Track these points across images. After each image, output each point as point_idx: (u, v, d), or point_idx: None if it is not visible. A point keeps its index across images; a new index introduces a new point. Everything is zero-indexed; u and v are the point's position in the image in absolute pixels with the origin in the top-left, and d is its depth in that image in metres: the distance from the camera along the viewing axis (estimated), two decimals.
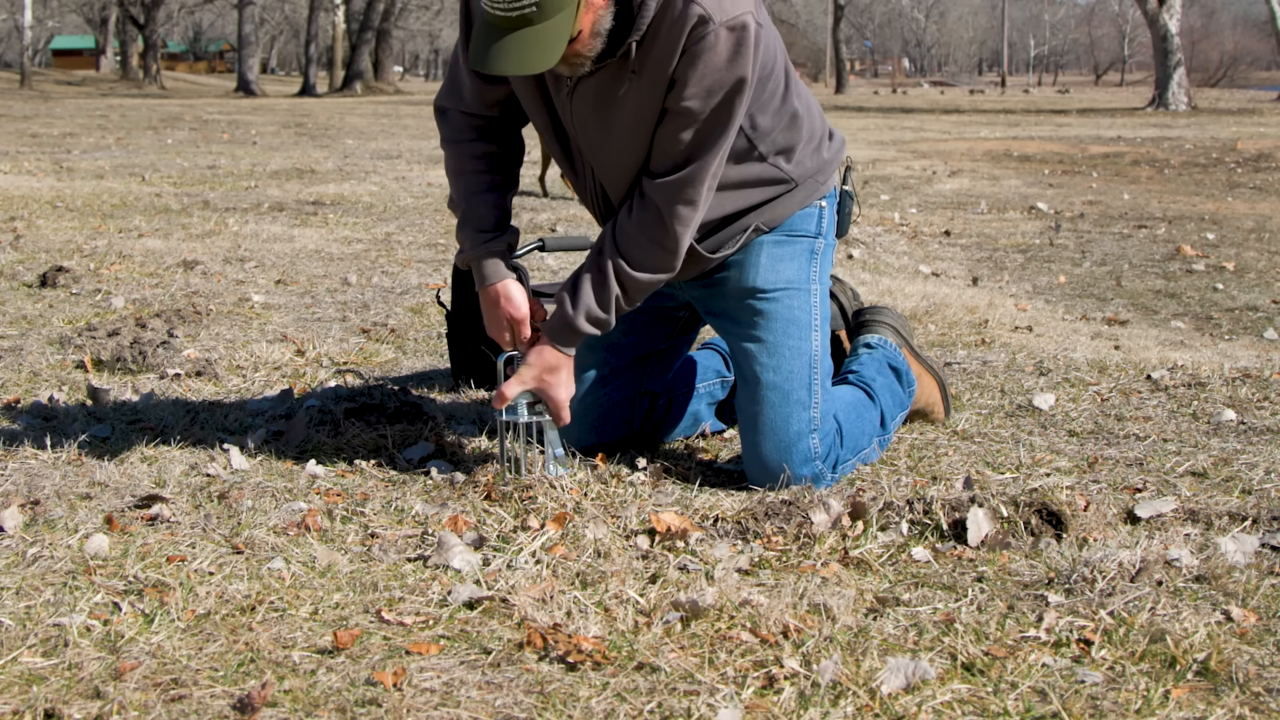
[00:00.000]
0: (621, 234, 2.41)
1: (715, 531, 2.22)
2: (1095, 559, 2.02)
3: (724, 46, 2.23)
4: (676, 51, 2.23)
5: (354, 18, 41.62)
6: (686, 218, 2.37)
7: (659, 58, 2.25)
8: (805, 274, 2.56)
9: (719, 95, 2.27)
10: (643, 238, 2.38)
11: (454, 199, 2.55)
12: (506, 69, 2.15)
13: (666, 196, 2.35)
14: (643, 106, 2.31)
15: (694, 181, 2.34)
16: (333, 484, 2.48)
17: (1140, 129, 19.56)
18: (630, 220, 2.39)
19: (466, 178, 2.53)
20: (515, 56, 2.14)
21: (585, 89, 2.35)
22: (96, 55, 61.15)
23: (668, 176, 2.35)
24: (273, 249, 5.96)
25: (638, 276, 2.40)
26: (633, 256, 2.40)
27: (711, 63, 2.23)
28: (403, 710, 1.58)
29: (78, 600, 1.89)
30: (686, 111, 2.28)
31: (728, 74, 2.25)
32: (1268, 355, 4.03)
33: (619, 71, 2.30)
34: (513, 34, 2.13)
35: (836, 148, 2.63)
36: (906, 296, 4.77)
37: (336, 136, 16.04)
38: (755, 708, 1.60)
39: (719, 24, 2.21)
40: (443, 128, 2.58)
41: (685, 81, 2.25)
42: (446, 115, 2.57)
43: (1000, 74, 64.70)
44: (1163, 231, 7.51)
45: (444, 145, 2.58)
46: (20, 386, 3.25)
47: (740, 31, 2.23)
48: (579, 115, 2.39)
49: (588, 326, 2.43)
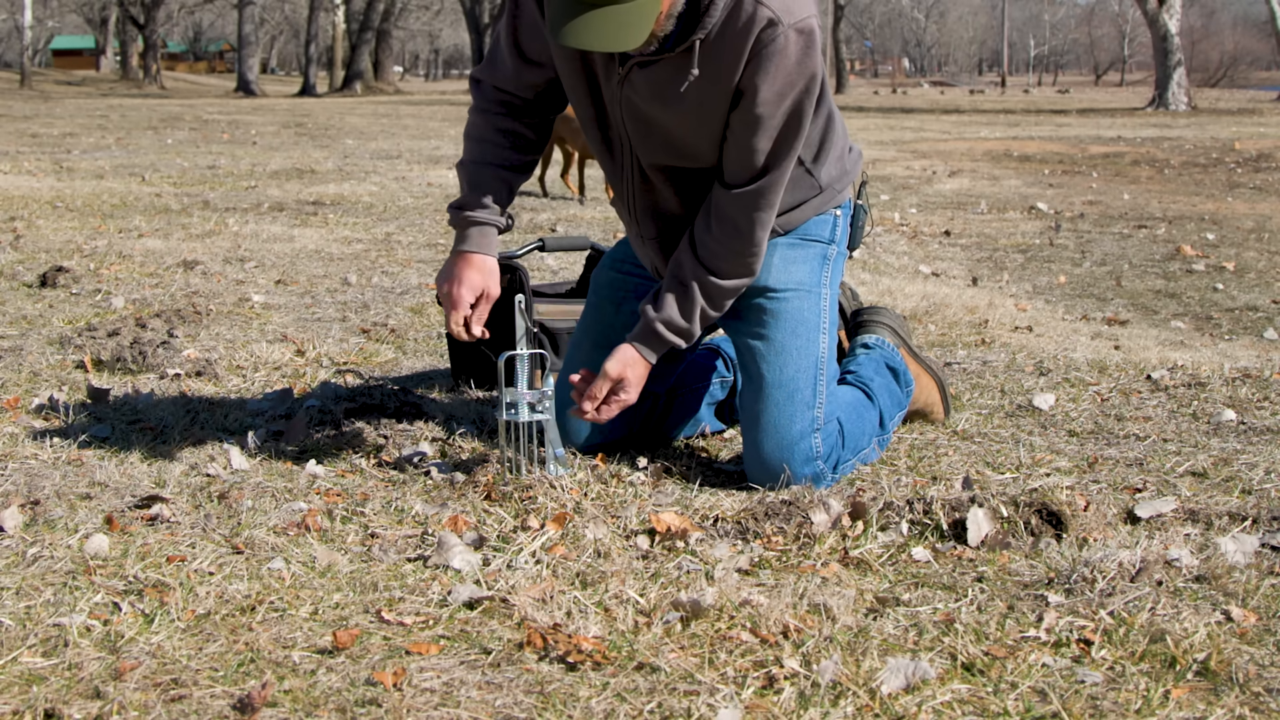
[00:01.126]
0: (704, 249, 2.41)
1: (715, 531, 2.22)
2: (1095, 559, 2.02)
3: (794, 49, 2.22)
4: (744, 53, 2.22)
5: (354, 18, 41.63)
6: (766, 222, 2.39)
7: (726, 59, 2.24)
8: (816, 277, 2.56)
9: (790, 99, 2.27)
10: (726, 251, 2.40)
11: (464, 161, 2.52)
12: (594, 44, 2.11)
13: (746, 207, 2.37)
14: (704, 105, 2.29)
15: (772, 188, 2.36)
16: (333, 484, 2.48)
17: (1140, 129, 19.56)
18: (711, 235, 2.40)
19: (484, 146, 2.51)
20: (602, 32, 2.10)
21: (639, 79, 2.32)
22: (96, 55, 61.15)
23: (746, 188, 2.36)
24: (273, 249, 5.96)
25: (724, 285, 2.43)
26: (719, 268, 2.41)
27: (782, 66, 2.23)
28: (403, 710, 1.58)
29: (78, 600, 1.89)
30: (759, 118, 2.28)
31: (798, 77, 2.25)
32: (1268, 355, 4.03)
33: (680, 68, 2.27)
34: (601, 9, 2.09)
35: (855, 159, 2.64)
36: (906, 296, 4.77)
37: (336, 136, 16.04)
38: (755, 708, 1.60)
39: (788, 26, 2.20)
40: (475, 97, 2.56)
41: (756, 87, 2.24)
42: (480, 86, 2.55)
43: (1000, 74, 64.70)
44: (1163, 231, 7.51)
45: (470, 113, 2.56)
46: (20, 386, 3.25)
47: (808, 34, 2.23)
48: (629, 106, 2.37)
49: (670, 335, 2.43)
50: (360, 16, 40.28)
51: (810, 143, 2.49)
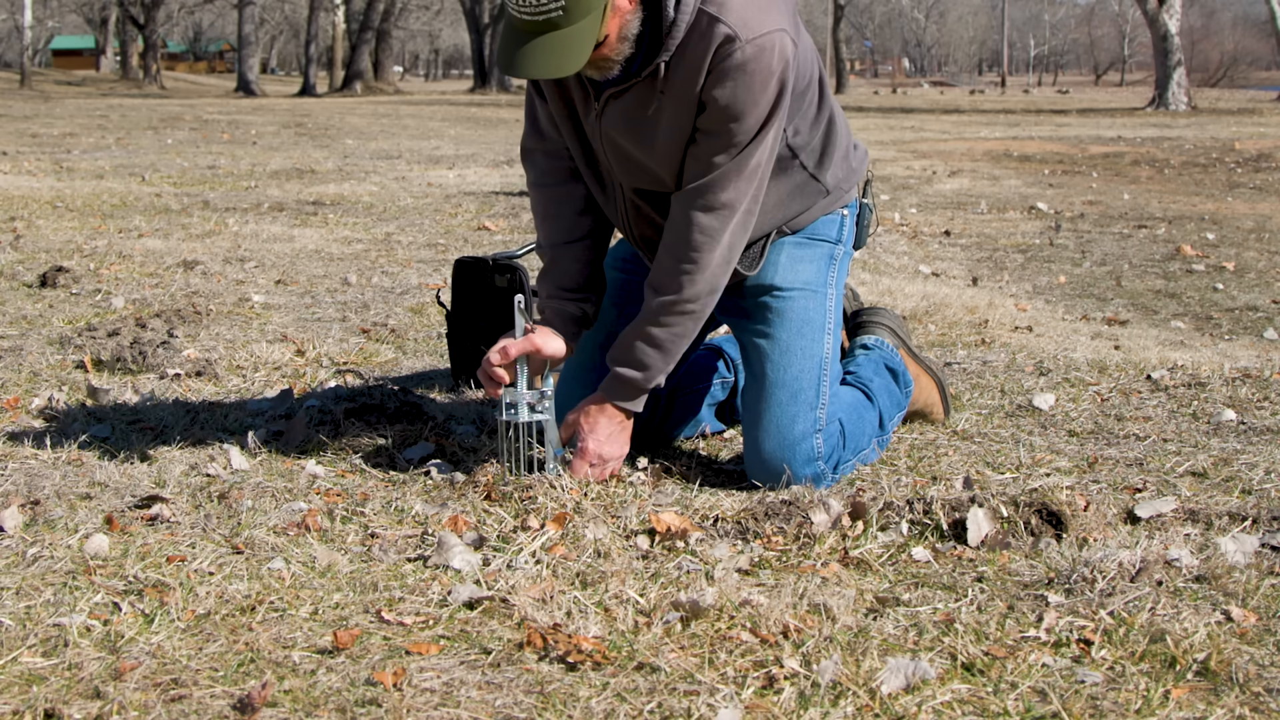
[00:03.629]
0: (653, 267, 2.41)
1: (715, 531, 2.22)
2: (1095, 559, 2.02)
3: (752, 65, 2.21)
4: (703, 70, 2.22)
5: (354, 18, 41.63)
6: (707, 228, 2.34)
7: (686, 76, 2.24)
8: (823, 277, 2.56)
9: (750, 115, 2.25)
10: (668, 258, 2.38)
11: (540, 244, 2.54)
12: (533, 72, 2.14)
13: (683, 204, 2.34)
14: (673, 125, 2.30)
15: (714, 187, 2.32)
16: (333, 484, 2.48)
17: (1140, 129, 19.56)
18: (661, 247, 2.40)
19: (552, 223, 2.52)
20: (541, 60, 2.13)
21: (613, 110, 2.34)
22: (96, 55, 61.15)
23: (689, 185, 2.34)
24: (273, 249, 5.96)
25: (664, 301, 2.38)
26: (659, 281, 2.39)
27: (741, 81, 2.22)
28: (403, 710, 1.58)
29: (78, 600, 1.89)
30: (716, 132, 2.27)
31: (758, 93, 2.23)
32: (1268, 355, 4.03)
33: (648, 91, 2.29)
34: (539, 38, 2.12)
35: (861, 157, 2.64)
36: (906, 296, 4.77)
37: (336, 136, 16.04)
38: (755, 708, 1.60)
39: (745, 41, 2.20)
40: (529, 171, 2.57)
41: (714, 101, 2.24)
42: (533, 158, 2.56)
43: (1000, 74, 64.68)
44: (1163, 231, 7.51)
45: (530, 189, 2.57)
46: (20, 386, 3.25)
47: (769, 49, 2.22)
48: (608, 138, 2.39)
49: (626, 371, 2.42)
50: (360, 16, 40.28)
51: (813, 149, 2.49)
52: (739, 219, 2.35)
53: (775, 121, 2.29)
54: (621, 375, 2.44)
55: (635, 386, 2.43)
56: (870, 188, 2.70)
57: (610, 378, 2.45)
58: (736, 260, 2.41)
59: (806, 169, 2.48)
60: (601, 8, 2.14)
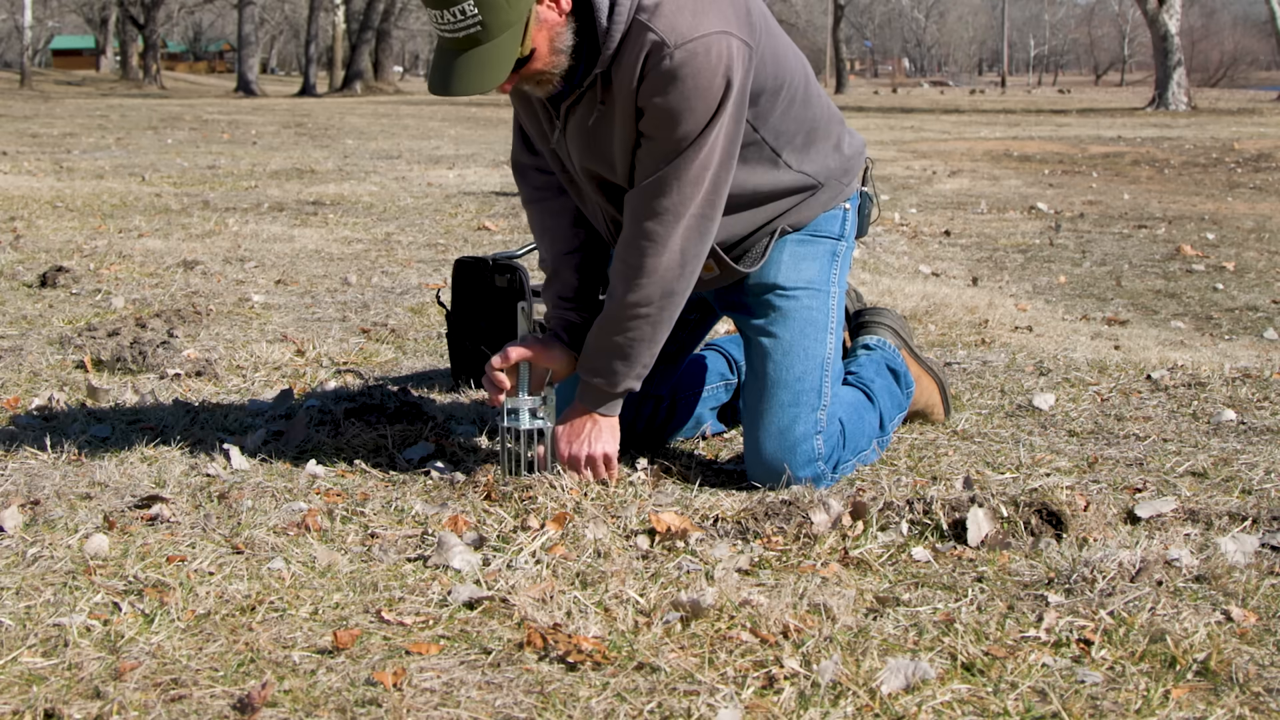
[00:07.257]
0: (609, 270, 2.41)
1: (715, 531, 2.22)
2: (1095, 559, 2.02)
3: (684, 70, 2.18)
4: (634, 78, 2.21)
5: (354, 18, 41.62)
6: (652, 234, 2.30)
7: (621, 84, 2.23)
8: (826, 275, 2.56)
9: (686, 120, 2.22)
10: (617, 257, 2.38)
11: (543, 258, 2.55)
12: (456, 89, 2.16)
13: (634, 205, 2.32)
14: (621, 134, 2.29)
15: (660, 190, 2.28)
16: (333, 484, 2.48)
17: (1140, 129, 19.56)
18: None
19: (550, 237, 2.52)
20: (464, 77, 2.15)
21: (572, 123, 2.35)
22: (96, 55, 61.15)
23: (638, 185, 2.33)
24: (273, 249, 5.96)
25: (622, 301, 2.35)
26: (613, 285, 2.38)
27: (674, 87, 2.19)
28: (403, 710, 1.58)
29: (78, 600, 1.89)
30: (655, 138, 2.26)
31: (692, 98, 2.20)
32: (1268, 355, 4.03)
33: (593, 102, 2.29)
34: (462, 55, 2.14)
35: (858, 146, 2.62)
36: (906, 296, 4.77)
37: (336, 136, 16.04)
38: (755, 708, 1.60)
39: (674, 47, 2.17)
40: (522, 187, 2.57)
41: (652, 107, 2.22)
42: (525, 173, 2.56)
43: (1000, 74, 64.68)
44: (1163, 231, 7.51)
45: (525, 206, 2.57)
46: (20, 386, 3.25)
47: (701, 54, 2.18)
48: (570, 151, 2.39)
49: (595, 380, 2.42)
50: (360, 16, 40.27)
51: (796, 146, 2.45)
52: (689, 223, 2.30)
53: (718, 125, 2.24)
54: (590, 384, 2.44)
55: (605, 394, 2.44)
56: (869, 174, 2.69)
57: (581, 386, 2.46)
58: (698, 265, 2.36)
59: (792, 167, 2.47)
60: (523, 21, 2.13)
